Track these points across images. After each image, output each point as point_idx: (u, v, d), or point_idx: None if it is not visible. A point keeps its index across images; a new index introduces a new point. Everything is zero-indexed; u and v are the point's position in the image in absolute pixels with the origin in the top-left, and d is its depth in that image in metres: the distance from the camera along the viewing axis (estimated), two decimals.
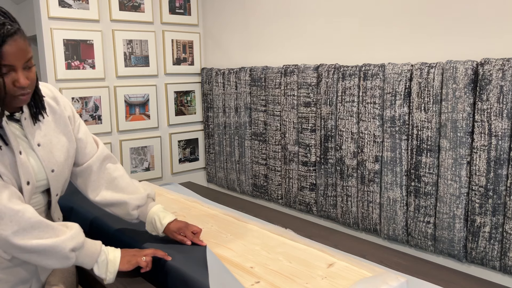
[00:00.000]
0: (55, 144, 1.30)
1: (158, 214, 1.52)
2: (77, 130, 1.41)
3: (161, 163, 2.74)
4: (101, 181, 1.47)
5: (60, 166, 1.30)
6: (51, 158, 1.27)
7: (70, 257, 1.20)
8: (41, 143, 1.25)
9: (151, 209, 1.53)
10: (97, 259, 1.28)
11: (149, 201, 1.55)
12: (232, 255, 1.50)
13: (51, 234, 1.17)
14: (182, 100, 2.81)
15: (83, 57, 2.36)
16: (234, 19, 2.61)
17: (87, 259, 1.26)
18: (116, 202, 1.48)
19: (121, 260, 1.33)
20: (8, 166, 1.15)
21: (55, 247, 1.16)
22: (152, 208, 1.54)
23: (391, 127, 1.78)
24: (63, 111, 1.36)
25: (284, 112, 2.25)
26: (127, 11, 2.50)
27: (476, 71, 1.53)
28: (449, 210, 1.64)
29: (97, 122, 2.45)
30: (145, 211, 1.53)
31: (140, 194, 1.52)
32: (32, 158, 1.23)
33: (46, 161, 1.26)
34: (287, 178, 2.30)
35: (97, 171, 1.46)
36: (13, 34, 1.07)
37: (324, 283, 1.31)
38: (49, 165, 1.26)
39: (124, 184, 1.50)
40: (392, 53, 1.83)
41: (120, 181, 1.50)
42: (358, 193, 1.96)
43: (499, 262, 1.55)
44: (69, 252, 1.19)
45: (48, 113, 1.30)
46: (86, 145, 1.43)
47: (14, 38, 1.07)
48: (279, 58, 2.34)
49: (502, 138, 1.48)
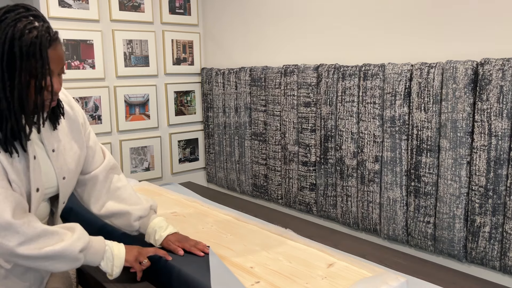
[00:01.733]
0: (68, 151, 1.29)
1: (160, 225, 1.51)
2: (88, 137, 1.40)
3: (161, 163, 2.74)
4: (105, 192, 1.46)
5: (71, 173, 1.30)
6: (63, 165, 1.27)
7: (79, 258, 1.21)
8: (55, 149, 1.25)
9: (153, 221, 1.52)
10: (103, 255, 1.29)
11: (151, 213, 1.54)
12: (232, 255, 1.50)
13: (57, 239, 1.17)
14: (182, 100, 2.81)
15: (83, 57, 2.36)
16: (234, 19, 2.61)
17: (94, 257, 1.26)
18: (119, 212, 1.47)
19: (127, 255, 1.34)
20: (20, 172, 1.14)
21: (64, 251, 1.16)
22: (154, 219, 1.52)
23: (391, 127, 1.79)
24: (77, 117, 1.35)
25: (284, 112, 2.25)
26: (127, 11, 2.50)
27: (476, 71, 1.53)
28: (449, 210, 1.64)
29: (97, 122, 2.45)
30: (147, 223, 1.51)
31: (143, 205, 1.50)
32: (46, 164, 1.22)
33: (59, 168, 1.25)
34: (287, 178, 2.30)
35: (103, 181, 1.45)
36: (56, 39, 1.10)
37: (324, 283, 1.31)
38: (61, 172, 1.26)
39: (127, 195, 1.49)
40: (392, 53, 1.83)
41: (123, 192, 1.49)
42: (358, 193, 1.96)
43: (499, 262, 1.55)
44: (78, 254, 1.19)
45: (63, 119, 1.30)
46: (94, 153, 1.43)
47: (56, 43, 1.11)
48: (279, 58, 2.34)
49: (502, 138, 1.48)
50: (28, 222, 1.12)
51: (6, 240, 1.09)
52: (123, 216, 1.47)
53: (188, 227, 1.77)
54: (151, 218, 1.52)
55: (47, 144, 1.23)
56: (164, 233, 1.49)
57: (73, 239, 1.19)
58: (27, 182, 1.16)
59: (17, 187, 1.13)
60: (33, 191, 1.17)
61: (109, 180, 1.47)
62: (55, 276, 1.37)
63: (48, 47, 1.07)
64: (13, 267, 1.19)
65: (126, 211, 1.47)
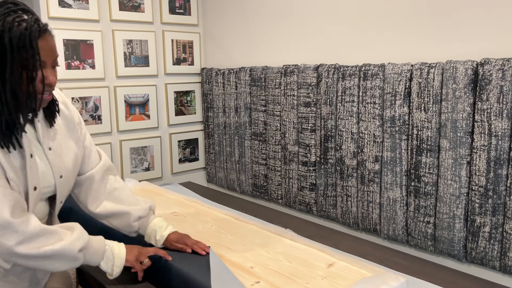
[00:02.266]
0: (64, 149, 1.29)
1: (160, 225, 1.51)
2: (84, 137, 1.40)
3: (161, 163, 2.74)
4: (102, 192, 1.45)
5: (68, 172, 1.30)
6: (60, 163, 1.26)
7: (78, 257, 1.20)
8: (52, 147, 1.25)
9: (152, 221, 1.52)
10: (103, 255, 1.28)
11: (150, 213, 1.54)
12: (232, 255, 1.50)
13: (56, 238, 1.16)
14: (182, 100, 2.81)
15: (83, 57, 2.36)
16: (234, 19, 2.61)
17: (94, 257, 1.26)
18: (118, 213, 1.46)
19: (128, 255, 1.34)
20: (17, 170, 1.14)
21: (64, 250, 1.16)
22: (154, 220, 1.52)
23: (391, 127, 1.79)
24: (73, 116, 1.35)
25: (284, 112, 2.25)
26: (127, 11, 2.50)
27: (476, 71, 1.53)
28: (449, 210, 1.64)
29: (97, 122, 2.45)
30: (146, 223, 1.51)
31: (142, 205, 1.50)
32: (43, 162, 1.22)
33: (56, 166, 1.25)
34: (287, 178, 2.30)
35: (99, 181, 1.45)
36: (46, 30, 1.11)
37: (324, 283, 1.31)
38: (58, 171, 1.25)
39: (125, 196, 1.49)
40: (392, 53, 1.83)
41: (120, 193, 1.48)
42: (358, 193, 1.96)
43: (499, 262, 1.55)
44: (77, 253, 1.19)
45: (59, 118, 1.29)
46: (90, 153, 1.43)
47: (47, 34, 1.11)
48: (279, 58, 2.34)
49: (502, 138, 1.48)
50: (27, 221, 1.11)
51: (5, 239, 1.08)
52: (122, 216, 1.47)
53: (188, 227, 1.77)
54: (150, 219, 1.52)
55: (44, 143, 1.22)
56: (165, 233, 1.50)
57: (73, 239, 1.18)
58: (24, 180, 1.15)
59: (15, 185, 1.13)
60: (30, 190, 1.17)
61: (105, 181, 1.47)
62: (54, 276, 1.37)
63: (37, 37, 1.07)
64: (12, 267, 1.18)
65: (125, 212, 1.46)
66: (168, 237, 1.50)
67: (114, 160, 2.55)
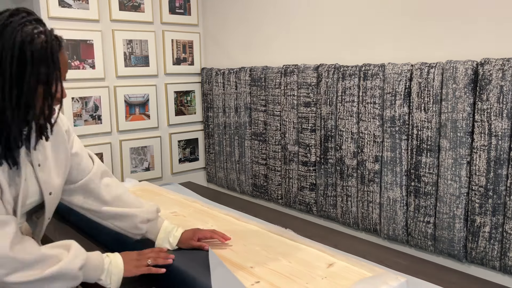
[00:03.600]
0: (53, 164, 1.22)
1: (171, 227, 1.52)
2: (71, 145, 1.32)
3: (161, 163, 2.74)
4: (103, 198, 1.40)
5: (57, 188, 1.23)
6: (49, 180, 1.20)
7: (78, 276, 1.16)
8: (41, 163, 1.18)
9: (162, 225, 1.51)
10: (102, 268, 1.25)
11: (157, 217, 1.52)
12: (232, 255, 1.50)
13: (55, 260, 1.12)
14: (182, 100, 2.81)
15: (83, 57, 2.36)
16: (234, 19, 2.61)
17: (93, 273, 1.22)
18: (124, 214, 1.42)
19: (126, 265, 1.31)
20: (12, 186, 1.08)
21: (63, 270, 1.12)
22: (163, 224, 1.52)
23: (391, 127, 1.78)
24: (61, 127, 1.26)
25: (284, 112, 2.25)
26: (127, 11, 2.50)
27: (476, 71, 1.53)
28: (449, 210, 1.64)
29: (97, 122, 2.45)
30: (155, 226, 1.50)
31: (150, 208, 1.48)
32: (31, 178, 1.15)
33: (45, 183, 1.18)
34: (287, 178, 2.30)
35: (97, 187, 1.38)
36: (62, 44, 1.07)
37: (324, 283, 1.31)
38: (47, 188, 1.19)
39: (130, 200, 1.46)
40: (392, 53, 1.83)
41: (125, 197, 1.44)
42: (358, 193, 1.96)
43: (499, 262, 1.55)
44: (77, 272, 1.15)
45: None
46: (81, 160, 1.34)
47: (62, 49, 1.08)
48: (279, 58, 2.34)
49: (502, 138, 1.48)
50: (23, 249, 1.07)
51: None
52: (129, 218, 1.43)
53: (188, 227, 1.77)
54: (159, 222, 1.51)
55: (34, 159, 1.15)
56: (178, 233, 1.51)
57: (70, 257, 1.14)
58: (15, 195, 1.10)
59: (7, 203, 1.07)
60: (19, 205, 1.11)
61: (104, 187, 1.40)
62: None
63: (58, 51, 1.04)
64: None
65: (133, 214, 1.43)
66: (182, 237, 1.51)
67: (114, 160, 2.55)
